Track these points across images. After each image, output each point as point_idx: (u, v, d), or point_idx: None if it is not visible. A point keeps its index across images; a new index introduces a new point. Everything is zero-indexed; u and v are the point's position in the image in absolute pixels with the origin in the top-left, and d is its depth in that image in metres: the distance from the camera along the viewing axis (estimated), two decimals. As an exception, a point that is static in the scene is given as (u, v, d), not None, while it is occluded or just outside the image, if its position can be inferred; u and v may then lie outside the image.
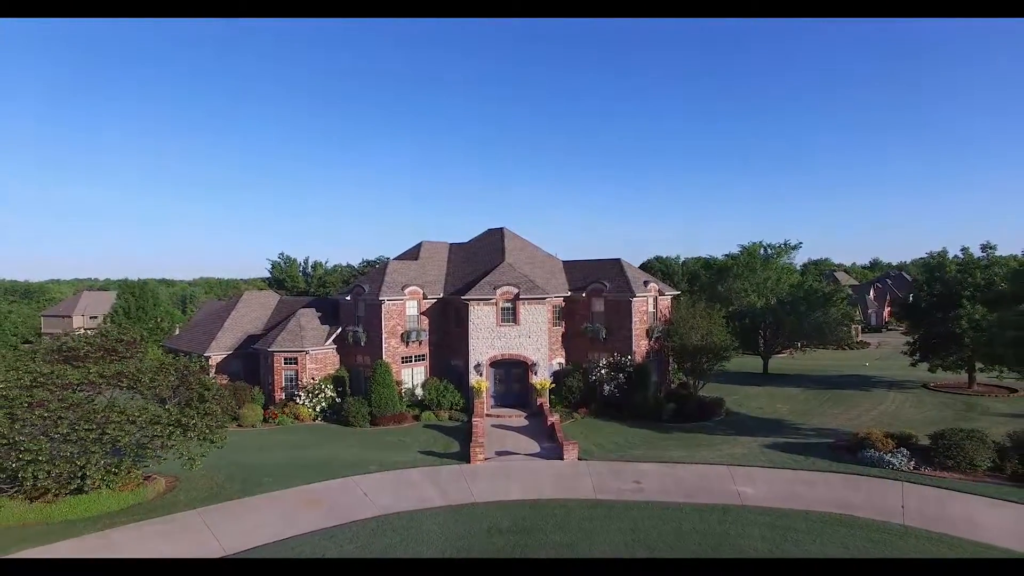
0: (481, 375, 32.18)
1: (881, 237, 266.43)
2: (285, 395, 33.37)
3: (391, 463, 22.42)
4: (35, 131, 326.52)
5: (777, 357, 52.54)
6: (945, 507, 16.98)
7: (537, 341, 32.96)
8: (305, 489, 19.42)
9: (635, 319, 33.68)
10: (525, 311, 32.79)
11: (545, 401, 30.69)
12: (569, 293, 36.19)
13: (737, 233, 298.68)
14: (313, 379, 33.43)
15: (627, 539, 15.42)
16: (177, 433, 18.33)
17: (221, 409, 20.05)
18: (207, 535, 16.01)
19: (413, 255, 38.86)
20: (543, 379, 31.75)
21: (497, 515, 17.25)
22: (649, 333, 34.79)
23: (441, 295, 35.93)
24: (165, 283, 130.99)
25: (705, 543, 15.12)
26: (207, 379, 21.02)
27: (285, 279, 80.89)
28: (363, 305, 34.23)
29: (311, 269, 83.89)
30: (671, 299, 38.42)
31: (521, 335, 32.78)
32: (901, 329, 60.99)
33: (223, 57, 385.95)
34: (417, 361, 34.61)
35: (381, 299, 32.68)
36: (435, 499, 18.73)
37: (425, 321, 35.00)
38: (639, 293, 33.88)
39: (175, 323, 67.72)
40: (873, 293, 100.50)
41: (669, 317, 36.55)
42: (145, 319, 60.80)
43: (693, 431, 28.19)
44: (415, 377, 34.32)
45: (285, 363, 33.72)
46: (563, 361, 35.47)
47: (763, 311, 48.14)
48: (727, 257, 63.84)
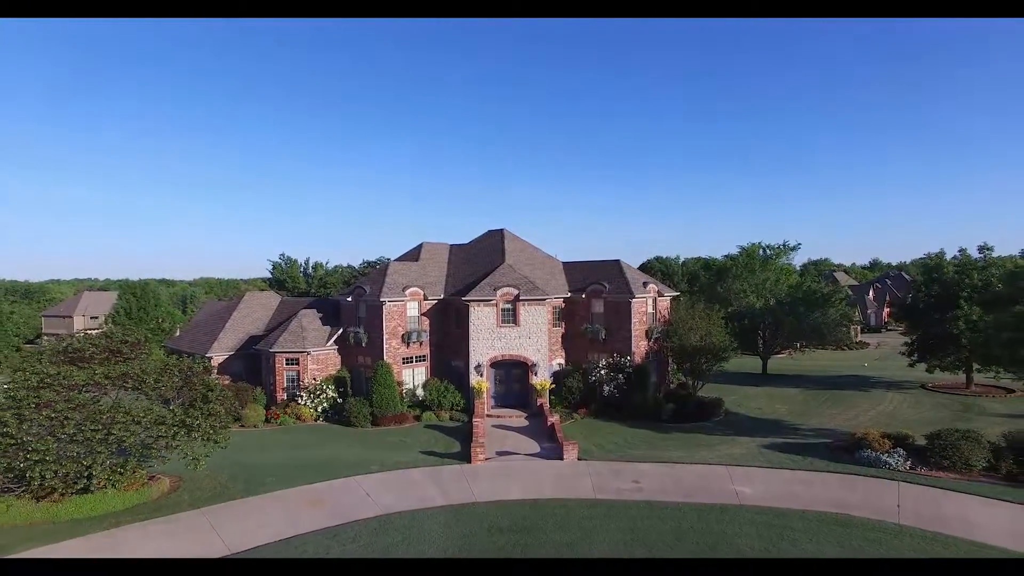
0: (481, 376, 32.37)
1: (881, 237, 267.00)
2: (287, 395, 33.58)
3: (392, 463, 22.61)
4: (35, 131, 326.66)
5: (776, 357, 52.76)
6: (940, 507, 17.18)
7: (537, 342, 33.16)
8: (308, 489, 19.60)
9: (634, 320, 33.88)
10: (525, 312, 32.99)
11: (545, 401, 30.89)
12: (569, 294, 36.39)
13: (737, 233, 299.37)
14: (315, 380, 33.63)
15: (626, 538, 15.60)
16: (181, 434, 18.54)
17: (224, 410, 20.25)
18: (211, 534, 16.19)
19: (414, 256, 39.07)
20: (543, 380, 31.92)
21: (498, 515, 17.44)
22: (648, 334, 34.98)
23: (442, 296, 36.14)
24: (165, 283, 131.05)
25: (703, 542, 15.30)
26: (211, 380, 21.22)
27: (286, 280, 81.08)
28: (364, 306, 34.43)
29: (312, 270, 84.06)
30: (670, 300, 38.61)
31: (521, 336, 32.98)
32: (900, 329, 61.11)
33: (223, 57, 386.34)
34: (418, 362, 34.81)
35: (382, 300, 32.87)
36: (436, 499, 18.92)
37: (426, 322, 35.20)
38: (638, 294, 34.08)
39: (175, 323, 67.91)
40: (872, 293, 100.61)
41: (668, 318, 36.74)
42: (146, 319, 61.00)
43: (692, 431, 28.38)
44: (416, 378, 34.52)
45: (287, 364, 33.92)
46: (563, 362, 35.67)
47: (762, 312, 48.29)
48: (726, 258, 64.05)
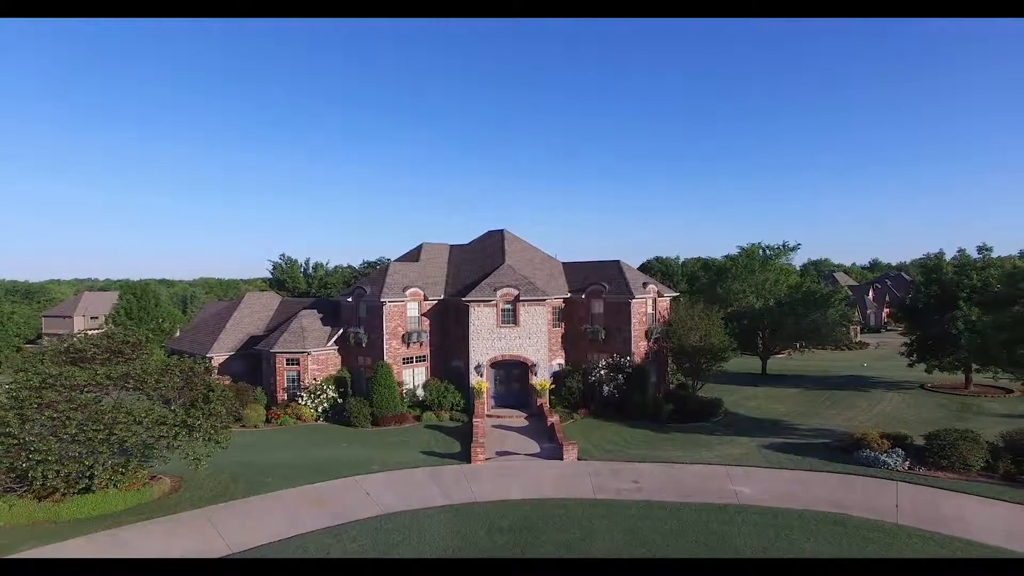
0: (481, 376, 32.45)
1: (881, 237, 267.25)
2: (287, 396, 33.66)
3: (393, 463, 22.69)
4: (35, 131, 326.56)
5: (776, 358, 52.86)
6: (938, 506, 17.26)
7: (537, 342, 33.23)
8: (309, 488, 19.68)
9: (634, 320, 33.97)
10: (525, 312, 33.07)
11: (545, 402, 30.97)
12: (569, 294, 36.47)
13: (737, 233, 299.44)
14: (315, 380, 33.71)
15: (625, 538, 15.67)
16: (183, 434, 18.59)
17: (226, 410, 20.30)
18: (213, 534, 16.26)
19: (414, 257, 39.15)
20: (543, 380, 32.01)
21: (498, 514, 17.51)
22: (648, 334, 35.07)
23: (442, 296, 36.22)
24: (165, 283, 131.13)
25: (702, 542, 15.38)
26: (211, 380, 21.28)
27: (286, 280, 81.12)
28: (364, 306, 34.51)
29: (312, 270, 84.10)
30: (670, 300, 38.69)
31: (521, 336, 33.06)
32: (900, 330, 61.20)
33: (223, 57, 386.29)
34: (418, 362, 34.89)
35: (382, 300, 32.95)
36: (437, 498, 19.00)
37: (426, 322, 35.28)
38: (638, 295, 34.16)
39: (175, 324, 67.92)
40: (872, 294, 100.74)
41: (668, 318, 36.82)
42: (147, 320, 60.96)
43: (691, 431, 28.47)
44: (416, 378, 34.60)
45: (287, 364, 34.00)
46: (563, 362, 35.75)
47: (761, 312, 48.38)
48: (726, 258, 64.08)
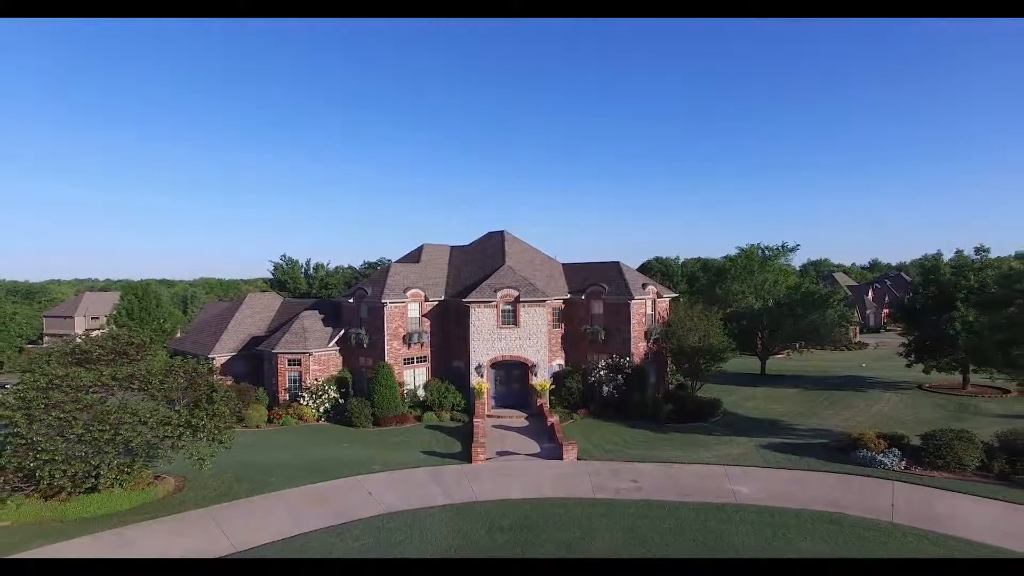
0: (482, 376, 32.65)
1: (881, 237, 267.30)
2: (289, 396, 33.86)
3: (395, 463, 22.91)
4: (35, 131, 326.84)
5: (775, 358, 53.02)
6: (933, 505, 17.47)
7: (537, 343, 33.44)
8: (311, 488, 19.88)
9: (634, 321, 34.17)
10: (525, 313, 33.27)
11: (545, 402, 31.17)
12: (568, 295, 36.67)
13: (737, 233, 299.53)
14: (316, 380, 33.91)
15: (624, 537, 15.89)
16: (187, 434, 18.82)
17: (229, 410, 20.52)
18: (217, 533, 16.48)
19: (415, 258, 39.37)
20: (543, 380, 32.21)
21: (498, 514, 17.72)
22: (647, 335, 35.27)
23: (442, 297, 36.43)
24: (166, 283, 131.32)
25: (700, 540, 15.59)
26: (215, 381, 21.50)
27: (287, 281, 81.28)
28: (366, 307, 34.71)
29: (313, 271, 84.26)
30: (669, 301, 38.89)
31: (521, 337, 33.26)
32: (898, 330, 61.43)
33: (224, 57, 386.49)
34: (419, 362, 35.09)
35: (383, 301, 33.16)
36: (438, 498, 19.21)
37: (427, 323, 35.48)
38: (637, 295, 34.36)
39: (176, 324, 68.11)
40: (872, 294, 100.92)
41: (667, 319, 37.02)
42: (148, 320, 61.17)
43: (691, 431, 28.66)
44: (417, 378, 34.81)
45: (289, 364, 34.20)
46: (563, 363, 35.95)
47: (760, 313, 48.57)
48: (725, 259, 64.30)
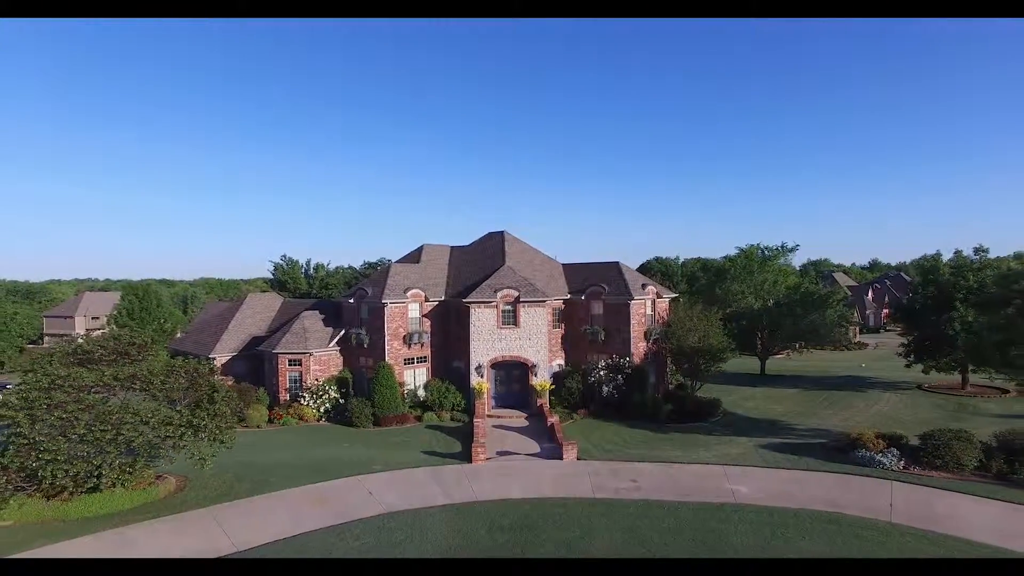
0: (482, 376, 32.73)
1: (881, 237, 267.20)
2: (289, 396, 33.94)
3: (395, 463, 23.00)
4: (35, 131, 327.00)
5: (775, 358, 53.10)
6: (931, 505, 17.56)
7: (537, 343, 33.51)
8: (312, 488, 19.98)
9: (633, 321, 34.25)
10: (525, 314, 33.35)
11: (545, 402, 31.25)
12: (568, 296, 36.75)
13: (737, 233, 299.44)
14: (317, 380, 33.97)
15: (624, 536, 15.98)
16: (189, 434, 18.92)
17: (230, 410, 20.60)
18: (218, 532, 16.57)
19: (415, 258, 39.44)
20: (543, 380, 32.29)
21: (498, 513, 17.82)
22: (647, 335, 35.34)
23: (443, 298, 36.50)
24: (165, 283, 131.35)
25: (699, 540, 15.68)
26: (216, 381, 21.58)
27: (287, 281, 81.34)
28: (366, 308, 34.79)
29: (313, 271, 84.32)
30: (669, 301, 38.97)
31: (521, 337, 33.33)
32: (898, 330, 61.49)
33: (223, 57, 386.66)
34: (419, 363, 35.16)
35: (384, 302, 33.23)
36: (438, 497, 19.30)
37: (427, 323, 35.56)
38: (637, 296, 34.43)
39: (177, 324, 68.14)
40: (872, 294, 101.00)
41: (667, 319, 37.10)
42: (148, 320, 61.24)
43: (690, 431, 28.74)
44: (417, 378, 34.88)
45: (289, 364, 34.27)
46: (563, 363, 36.02)
47: (760, 313, 48.65)
48: (725, 259, 64.38)
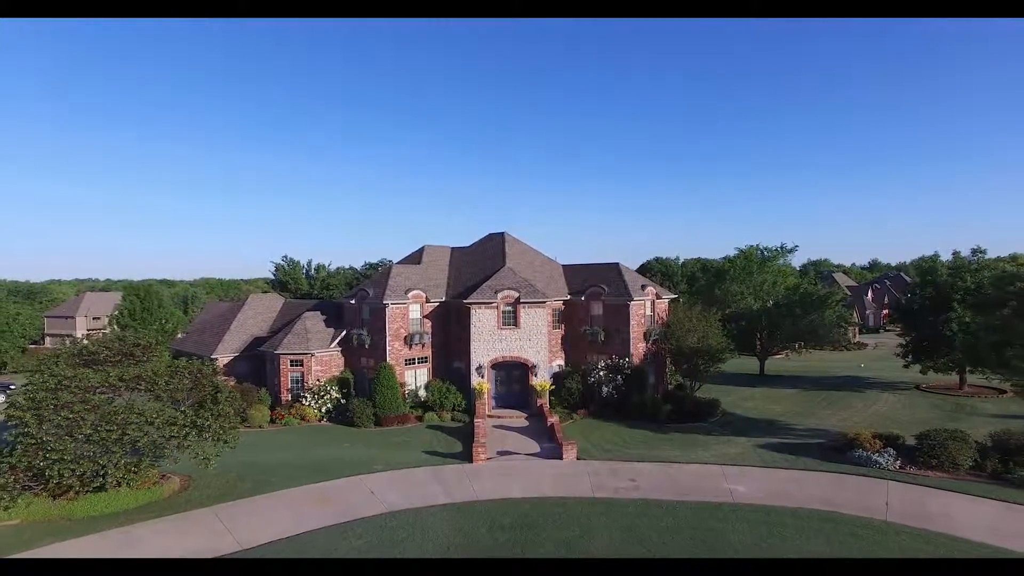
0: (482, 377, 32.95)
1: (881, 237, 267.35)
2: (291, 396, 34.15)
3: (396, 463, 23.21)
4: (35, 131, 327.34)
5: (774, 358, 53.31)
6: (926, 504, 17.78)
7: (537, 344, 33.73)
8: (314, 487, 20.19)
9: (633, 322, 34.46)
10: (525, 314, 33.56)
11: (545, 402, 31.46)
12: (568, 297, 36.97)
13: (737, 233, 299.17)
14: (318, 381, 34.18)
15: (623, 535, 16.19)
16: (193, 434, 19.13)
17: (233, 410, 20.82)
18: (222, 531, 16.78)
19: (416, 259, 39.66)
20: (543, 381, 32.50)
21: (499, 512, 18.02)
22: (647, 336, 35.56)
23: (443, 299, 36.72)
24: (166, 283, 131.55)
25: (697, 538, 15.88)
26: (219, 382, 21.79)
27: (288, 281, 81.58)
28: (367, 308, 35.00)
29: (314, 271, 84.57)
30: (668, 302, 39.19)
31: (521, 338, 33.55)
32: (897, 330, 61.68)
33: (224, 57, 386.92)
34: (420, 363, 35.38)
35: (385, 303, 33.45)
36: (439, 497, 19.51)
37: (428, 324, 35.78)
38: (637, 297, 34.64)
39: (178, 325, 68.26)
40: (871, 294, 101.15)
41: (666, 320, 37.32)
42: (150, 320, 61.43)
43: (689, 431, 28.94)
44: (418, 379, 35.10)
45: (291, 365, 34.49)
46: (563, 363, 36.24)
47: (759, 313, 48.86)
48: (724, 260, 64.57)
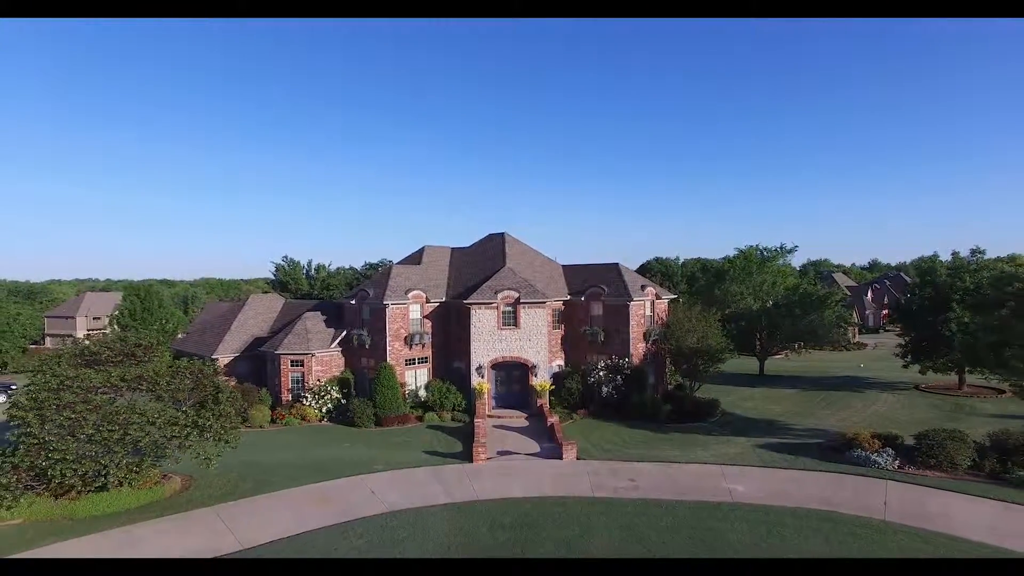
0: (483, 377, 33.02)
1: (880, 237, 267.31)
2: (291, 396, 34.21)
3: (396, 462, 23.28)
4: (35, 131, 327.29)
5: (773, 359, 53.37)
6: (924, 504, 17.84)
7: (537, 344, 33.80)
8: (315, 487, 20.26)
9: (633, 322, 34.53)
10: (525, 315, 33.63)
11: (545, 402, 31.53)
12: (568, 297, 37.04)
13: (736, 233, 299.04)
14: (319, 381, 34.25)
15: (622, 534, 16.26)
16: (194, 434, 19.20)
17: (234, 410, 20.89)
18: (223, 531, 16.85)
19: (416, 259, 39.73)
20: (543, 381, 32.57)
21: (499, 512, 18.09)
22: (646, 336, 35.63)
23: (444, 299, 36.79)
24: (166, 283, 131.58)
25: (696, 538, 15.95)
26: (220, 382, 21.87)
27: (288, 281, 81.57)
28: (368, 309, 35.07)
29: (314, 272, 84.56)
30: (668, 302, 39.26)
31: (521, 338, 33.62)
32: (897, 330, 61.71)
33: (224, 57, 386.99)
34: (420, 363, 35.45)
35: (385, 303, 33.51)
36: (440, 496, 19.58)
37: (428, 324, 35.85)
38: (636, 297, 34.71)
39: (178, 325, 68.31)
40: (871, 294, 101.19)
41: (666, 320, 37.38)
42: (150, 320, 61.45)
43: (689, 431, 29.01)
44: (418, 379, 35.17)
45: (292, 365, 34.56)
46: (562, 363, 36.31)
47: (759, 314, 48.92)
48: (724, 260, 64.60)
